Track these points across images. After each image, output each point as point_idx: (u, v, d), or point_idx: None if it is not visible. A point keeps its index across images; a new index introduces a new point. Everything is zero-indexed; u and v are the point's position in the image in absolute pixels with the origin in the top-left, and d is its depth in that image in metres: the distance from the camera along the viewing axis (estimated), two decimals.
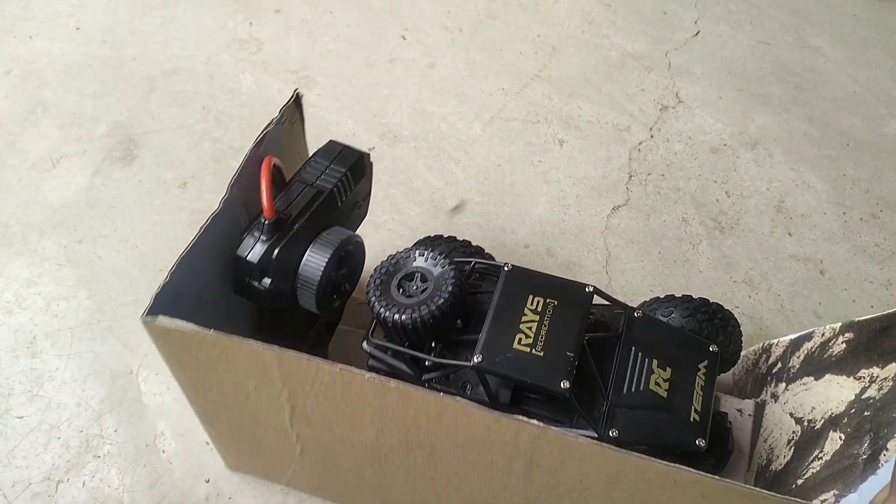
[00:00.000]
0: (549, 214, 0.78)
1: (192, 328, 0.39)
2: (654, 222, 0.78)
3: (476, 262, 0.52)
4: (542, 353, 0.44)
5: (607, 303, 0.51)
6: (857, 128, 0.89)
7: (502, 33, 0.99)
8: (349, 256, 0.50)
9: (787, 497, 0.36)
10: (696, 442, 0.45)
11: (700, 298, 0.54)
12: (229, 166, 0.81)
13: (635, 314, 0.50)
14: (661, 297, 0.56)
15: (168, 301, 0.40)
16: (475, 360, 0.44)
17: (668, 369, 0.48)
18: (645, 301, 0.57)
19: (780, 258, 0.75)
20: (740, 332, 0.54)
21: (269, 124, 0.49)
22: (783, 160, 0.85)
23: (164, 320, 0.39)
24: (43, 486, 0.57)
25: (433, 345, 0.47)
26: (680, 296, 0.55)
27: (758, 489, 0.37)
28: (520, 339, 0.45)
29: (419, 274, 0.47)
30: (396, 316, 0.45)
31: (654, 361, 0.48)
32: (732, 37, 1.01)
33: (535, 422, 0.37)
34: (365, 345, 0.49)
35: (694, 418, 0.46)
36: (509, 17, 1.02)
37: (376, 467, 0.48)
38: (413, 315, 0.45)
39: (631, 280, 0.72)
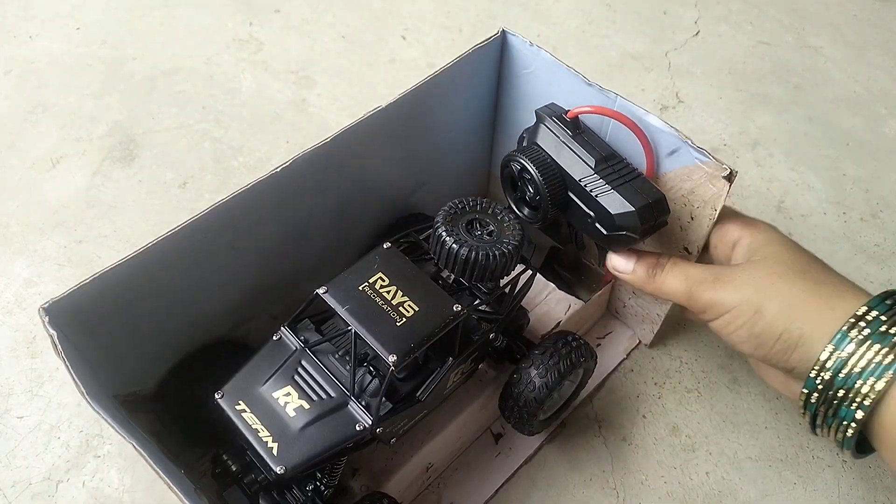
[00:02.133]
0: None
1: None
2: None
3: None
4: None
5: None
6: (857, 128, 0.89)
7: None
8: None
9: None
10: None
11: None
12: (229, 166, 0.81)
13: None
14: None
15: None
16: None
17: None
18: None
19: None
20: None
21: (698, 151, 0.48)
22: (783, 160, 0.85)
23: None
24: (43, 486, 0.57)
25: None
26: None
27: None
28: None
29: (486, 221, 0.49)
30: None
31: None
32: (732, 37, 1.01)
33: None
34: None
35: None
36: (509, 17, 1.02)
37: None
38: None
39: None
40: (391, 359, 0.43)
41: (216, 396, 0.46)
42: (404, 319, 0.45)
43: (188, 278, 0.50)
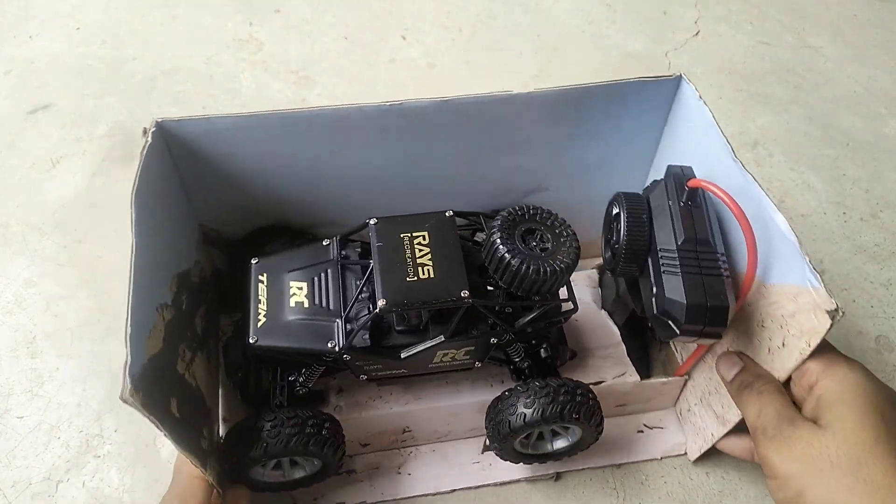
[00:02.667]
0: None
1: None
2: None
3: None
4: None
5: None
6: (857, 128, 0.89)
7: (502, 33, 0.99)
8: None
9: None
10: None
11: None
12: None
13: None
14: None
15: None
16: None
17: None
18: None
19: None
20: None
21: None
22: (783, 160, 0.85)
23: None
24: (43, 486, 0.57)
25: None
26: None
27: None
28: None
29: (546, 236, 0.47)
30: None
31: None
32: (732, 37, 1.01)
33: None
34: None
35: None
36: (509, 17, 1.02)
37: None
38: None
39: None
40: (380, 302, 0.45)
41: (252, 261, 0.52)
42: (415, 278, 0.47)
43: (288, 157, 0.55)
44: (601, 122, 0.58)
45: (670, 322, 0.45)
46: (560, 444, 0.55)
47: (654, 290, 0.46)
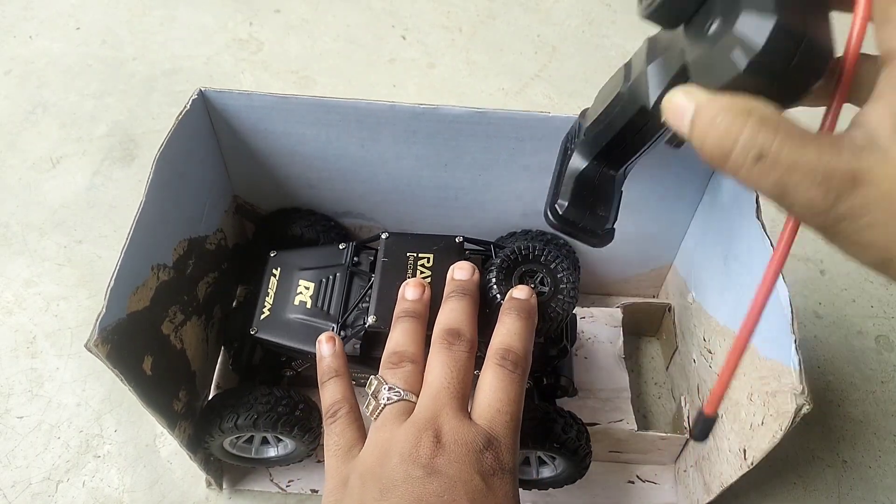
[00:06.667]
0: None
1: None
2: None
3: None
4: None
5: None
6: None
7: (502, 33, 0.99)
8: None
9: None
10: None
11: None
12: None
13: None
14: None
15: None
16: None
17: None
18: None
19: None
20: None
21: None
22: None
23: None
24: (43, 486, 0.57)
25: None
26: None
27: None
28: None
29: (546, 279, 0.45)
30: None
31: None
32: None
33: None
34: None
35: None
36: (509, 17, 1.02)
37: None
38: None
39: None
40: (370, 318, 0.46)
41: (270, 254, 0.54)
42: None
43: (321, 143, 0.56)
44: (645, 165, 0.52)
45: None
46: (546, 472, 0.53)
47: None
